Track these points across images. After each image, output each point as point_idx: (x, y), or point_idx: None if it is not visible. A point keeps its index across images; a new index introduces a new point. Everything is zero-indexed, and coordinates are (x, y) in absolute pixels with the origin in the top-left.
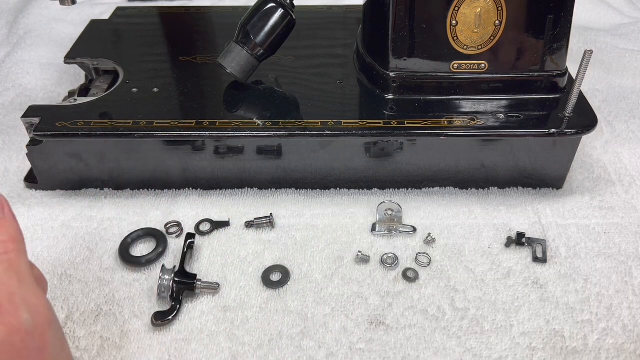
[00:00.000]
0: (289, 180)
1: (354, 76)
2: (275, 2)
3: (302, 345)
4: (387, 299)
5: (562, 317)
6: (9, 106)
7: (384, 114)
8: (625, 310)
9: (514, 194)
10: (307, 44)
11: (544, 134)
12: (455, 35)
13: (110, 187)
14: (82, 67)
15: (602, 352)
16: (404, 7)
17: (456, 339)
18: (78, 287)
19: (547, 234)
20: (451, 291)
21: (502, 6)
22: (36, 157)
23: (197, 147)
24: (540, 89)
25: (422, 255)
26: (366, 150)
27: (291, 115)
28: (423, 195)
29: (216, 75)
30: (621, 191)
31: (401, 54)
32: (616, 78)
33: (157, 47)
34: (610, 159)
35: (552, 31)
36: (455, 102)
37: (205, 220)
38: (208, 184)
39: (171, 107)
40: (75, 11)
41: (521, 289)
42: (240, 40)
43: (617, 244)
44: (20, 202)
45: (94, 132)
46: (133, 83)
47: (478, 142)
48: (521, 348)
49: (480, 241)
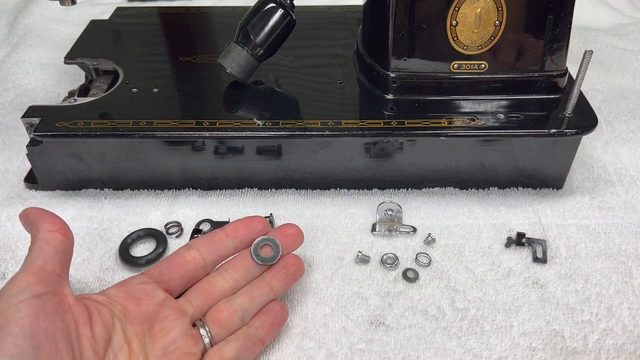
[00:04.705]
0: (289, 181)
1: (354, 76)
2: (275, 2)
3: (302, 345)
4: (387, 299)
5: (562, 318)
6: (9, 106)
7: (384, 114)
8: (625, 311)
9: (514, 194)
10: (307, 44)
11: (544, 134)
12: (455, 35)
13: (110, 187)
14: (82, 67)
15: (602, 352)
16: (404, 7)
17: (456, 339)
18: (78, 288)
19: (547, 234)
20: (451, 291)
21: (502, 6)
22: (36, 157)
23: (197, 147)
24: (540, 89)
25: (422, 256)
26: (366, 150)
27: (291, 115)
28: (423, 195)
29: (216, 75)
30: (621, 191)
31: (401, 54)
32: (616, 78)
33: (157, 47)
34: (610, 159)
35: (552, 31)
36: (455, 102)
37: (205, 220)
38: (208, 184)
39: (171, 107)
40: (75, 11)
41: (521, 289)
42: (240, 40)
43: (617, 244)
44: (20, 202)
45: (94, 132)
46: (133, 83)
47: (478, 142)
48: (521, 348)
49: (480, 241)
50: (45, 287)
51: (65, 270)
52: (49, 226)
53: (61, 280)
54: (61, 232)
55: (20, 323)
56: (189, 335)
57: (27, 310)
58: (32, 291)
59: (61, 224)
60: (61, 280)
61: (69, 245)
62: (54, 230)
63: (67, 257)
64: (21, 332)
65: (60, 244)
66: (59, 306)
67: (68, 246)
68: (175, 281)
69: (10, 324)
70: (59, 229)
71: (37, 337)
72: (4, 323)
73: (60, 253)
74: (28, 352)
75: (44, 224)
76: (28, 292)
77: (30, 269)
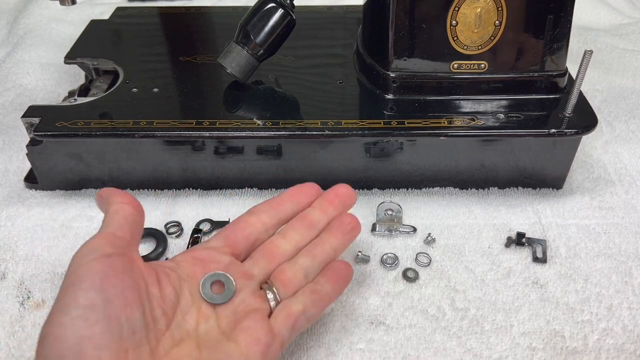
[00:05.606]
0: (289, 181)
1: (354, 76)
2: (275, 2)
3: (302, 345)
4: (387, 298)
5: (562, 317)
6: (9, 106)
7: (384, 114)
8: (625, 310)
9: (514, 194)
10: (307, 44)
11: (544, 134)
12: (455, 35)
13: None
14: (82, 67)
15: (602, 352)
16: (404, 7)
17: (456, 339)
18: None
19: (547, 234)
20: (451, 291)
21: (502, 6)
22: (36, 157)
23: (197, 147)
24: (540, 89)
25: (422, 255)
26: (366, 150)
27: (291, 115)
28: (423, 195)
29: (216, 75)
30: (621, 191)
31: (401, 54)
32: (616, 78)
33: (157, 47)
34: (610, 159)
35: (552, 31)
36: (455, 102)
37: (205, 220)
38: (208, 184)
39: (171, 107)
40: (75, 11)
41: (521, 289)
42: (240, 40)
43: (617, 244)
44: (20, 202)
45: (94, 132)
46: (133, 83)
47: (478, 142)
48: (521, 348)
49: (480, 241)
50: (116, 248)
51: (134, 237)
52: (120, 199)
53: (130, 245)
54: (131, 204)
55: (91, 279)
56: (257, 295)
57: (97, 267)
58: (103, 251)
59: (131, 198)
60: (130, 245)
61: (138, 217)
62: (124, 202)
63: (137, 227)
64: (92, 287)
65: (129, 214)
66: (129, 266)
67: (137, 218)
68: (240, 244)
69: (82, 280)
70: (129, 202)
71: (107, 291)
72: (76, 279)
73: (130, 222)
74: (99, 305)
75: (115, 197)
76: (99, 252)
77: (102, 234)
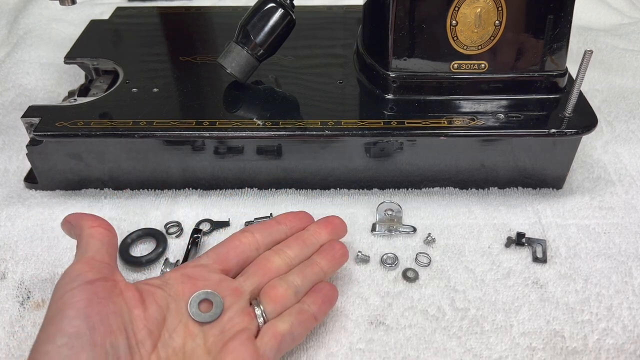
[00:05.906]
0: (289, 180)
1: (354, 76)
2: (275, 2)
3: (302, 345)
4: (387, 299)
5: (562, 317)
6: (8, 106)
7: (384, 114)
8: (625, 310)
9: (514, 194)
10: (307, 44)
11: (544, 134)
12: (455, 35)
13: (110, 187)
14: (82, 67)
15: (602, 352)
16: (404, 7)
17: (456, 339)
18: None
19: (547, 234)
20: (451, 291)
21: (502, 6)
22: (36, 157)
23: (197, 147)
24: (540, 89)
25: (422, 255)
26: (366, 150)
27: (291, 115)
28: (423, 195)
29: (216, 75)
30: (621, 191)
31: (401, 54)
32: (616, 78)
33: (157, 47)
34: (610, 159)
35: (552, 31)
36: (455, 102)
37: (205, 220)
38: (208, 184)
39: (171, 107)
40: (75, 11)
41: (521, 289)
42: (240, 40)
43: (617, 244)
44: (20, 202)
45: (94, 132)
46: (133, 83)
47: (478, 142)
48: (521, 348)
49: (480, 241)
50: (97, 274)
51: (113, 259)
52: (90, 223)
53: (111, 267)
54: (103, 226)
55: (75, 307)
56: (245, 312)
57: (81, 295)
58: (85, 278)
59: (101, 220)
60: (111, 267)
61: (112, 238)
62: (96, 225)
63: (113, 248)
64: (77, 315)
65: (104, 236)
66: (111, 291)
67: (112, 239)
68: (231, 261)
69: (66, 308)
70: (100, 224)
71: (92, 318)
72: (61, 307)
73: (106, 244)
74: (84, 332)
75: (85, 222)
76: (81, 279)
77: (82, 260)
